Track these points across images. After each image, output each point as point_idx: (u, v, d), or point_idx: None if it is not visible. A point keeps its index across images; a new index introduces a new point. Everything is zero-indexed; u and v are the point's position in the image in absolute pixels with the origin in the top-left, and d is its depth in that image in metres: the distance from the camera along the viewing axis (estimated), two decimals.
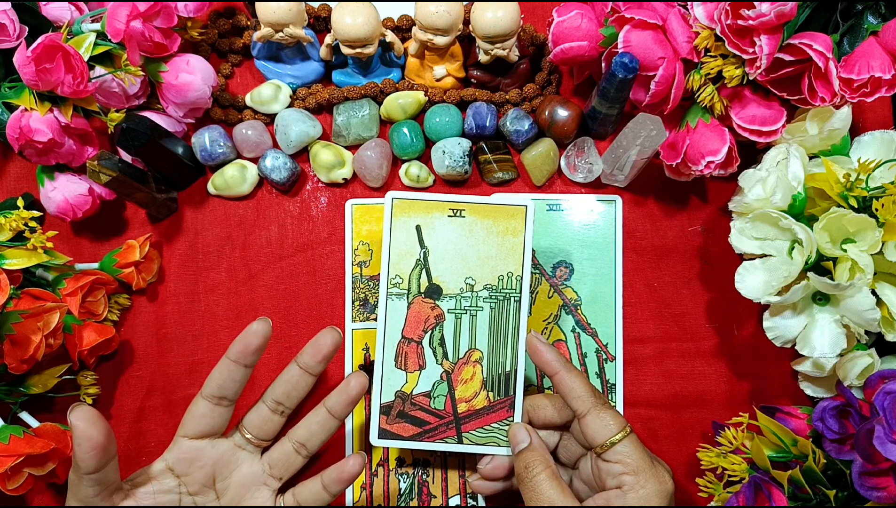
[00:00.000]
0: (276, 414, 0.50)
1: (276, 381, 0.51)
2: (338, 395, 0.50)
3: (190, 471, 0.49)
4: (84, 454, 0.42)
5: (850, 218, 0.47)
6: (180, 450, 0.49)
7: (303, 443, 0.50)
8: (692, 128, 0.54)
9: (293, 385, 0.50)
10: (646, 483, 0.43)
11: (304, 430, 0.51)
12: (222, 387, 0.48)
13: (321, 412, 0.51)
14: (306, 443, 0.50)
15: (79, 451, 0.42)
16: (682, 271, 0.60)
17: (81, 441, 0.42)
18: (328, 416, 0.50)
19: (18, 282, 0.51)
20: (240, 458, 0.50)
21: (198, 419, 0.48)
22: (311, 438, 0.50)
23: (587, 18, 0.54)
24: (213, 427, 0.49)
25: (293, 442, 0.51)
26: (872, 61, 0.48)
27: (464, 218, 0.50)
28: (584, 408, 0.46)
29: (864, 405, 0.48)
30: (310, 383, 0.50)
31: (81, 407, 0.43)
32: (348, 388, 0.50)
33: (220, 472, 0.50)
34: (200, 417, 0.48)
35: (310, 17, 0.60)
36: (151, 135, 0.55)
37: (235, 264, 0.60)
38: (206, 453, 0.49)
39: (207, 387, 0.48)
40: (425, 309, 0.50)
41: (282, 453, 0.51)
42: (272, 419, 0.50)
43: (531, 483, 0.45)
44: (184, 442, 0.49)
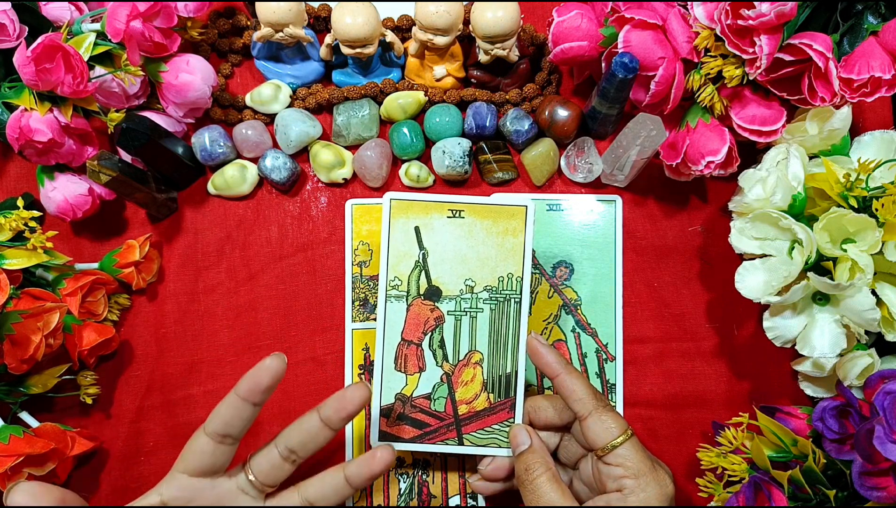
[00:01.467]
0: (288, 462, 0.47)
1: (293, 428, 0.47)
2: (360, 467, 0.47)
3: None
4: None
5: (850, 218, 0.47)
6: (178, 486, 0.45)
7: (312, 501, 0.47)
8: (692, 128, 0.54)
9: (311, 437, 0.46)
10: (646, 486, 0.43)
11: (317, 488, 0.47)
12: (228, 425, 0.44)
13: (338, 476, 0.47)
14: (315, 501, 0.47)
15: None
16: (682, 271, 0.60)
17: None
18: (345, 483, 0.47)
19: (18, 282, 0.51)
20: (240, 502, 0.47)
21: (198, 455, 0.45)
22: (322, 498, 0.47)
23: (587, 18, 0.54)
24: (215, 466, 0.45)
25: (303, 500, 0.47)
26: (872, 61, 0.48)
27: (463, 219, 0.50)
28: (585, 411, 0.45)
29: (864, 405, 0.48)
30: (328, 437, 0.47)
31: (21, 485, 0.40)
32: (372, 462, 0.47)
33: None
34: (201, 454, 0.45)
35: (310, 17, 0.60)
36: (151, 135, 0.55)
37: (235, 264, 0.60)
38: (204, 493, 0.46)
39: (211, 423, 0.45)
40: (425, 311, 0.50)
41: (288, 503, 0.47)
42: (282, 466, 0.47)
43: (531, 486, 0.45)
44: (182, 478, 0.45)
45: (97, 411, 0.58)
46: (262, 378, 0.43)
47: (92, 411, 0.57)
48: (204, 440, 0.45)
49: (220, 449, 0.45)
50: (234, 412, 0.44)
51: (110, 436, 0.57)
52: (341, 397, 0.46)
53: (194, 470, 0.45)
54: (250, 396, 0.44)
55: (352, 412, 0.46)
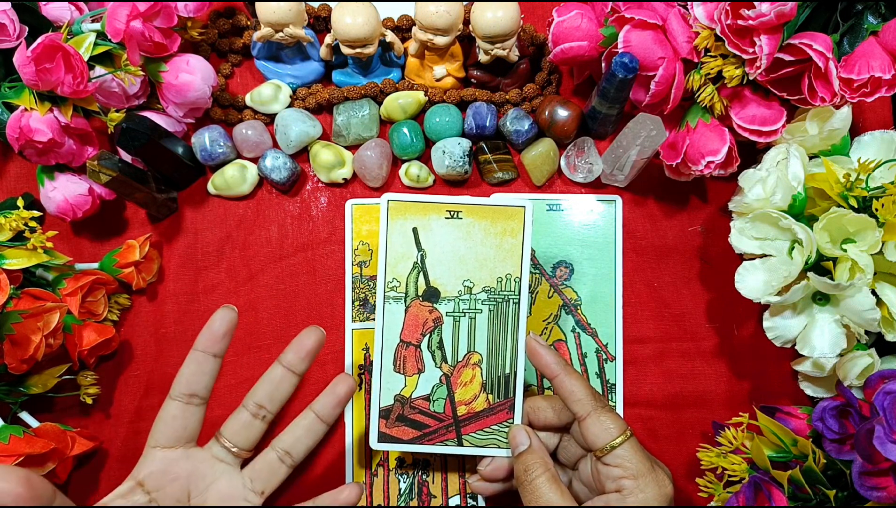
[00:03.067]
0: (258, 419, 0.47)
1: (258, 383, 0.48)
2: (325, 397, 0.49)
3: (162, 485, 0.45)
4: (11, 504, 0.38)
5: (850, 218, 0.47)
6: (152, 462, 0.45)
7: (288, 451, 0.48)
8: (692, 128, 0.54)
9: (276, 386, 0.47)
10: (645, 487, 0.43)
11: (290, 436, 0.48)
12: (191, 382, 0.45)
13: (308, 417, 0.49)
14: (291, 450, 0.48)
15: None
16: (682, 271, 0.60)
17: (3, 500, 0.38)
18: (315, 420, 0.48)
19: (18, 282, 0.51)
20: (217, 471, 0.47)
21: (169, 423, 0.45)
22: (296, 444, 0.48)
23: (587, 18, 0.54)
24: (187, 430, 0.46)
25: (277, 451, 0.48)
26: (872, 61, 0.48)
27: (461, 219, 0.50)
28: (584, 411, 0.45)
29: (864, 405, 0.48)
30: (294, 383, 0.48)
31: None
32: (335, 390, 0.49)
33: (195, 486, 0.46)
34: (171, 420, 0.45)
35: (310, 17, 0.60)
36: (151, 135, 0.55)
37: (235, 264, 0.60)
38: (179, 464, 0.45)
39: (177, 386, 0.46)
40: (423, 313, 0.50)
41: (265, 463, 0.48)
42: (253, 424, 0.47)
43: (530, 486, 0.45)
44: (155, 453, 0.45)
45: (97, 411, 0.58)
46: (217, 328, 0.46)
47: (92, 411, 0.58)
48: (172, 406, 0.46)
49: (188, 411, 0.46)
50: (195, 367, 0.46)
51: (110, 436, 0.57)
52: (298, 340, 0.48)
53: (167, 441, 0.45)
54: (209, 347, 0.46)
55: (311, 351, 0.48)
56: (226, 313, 0.46)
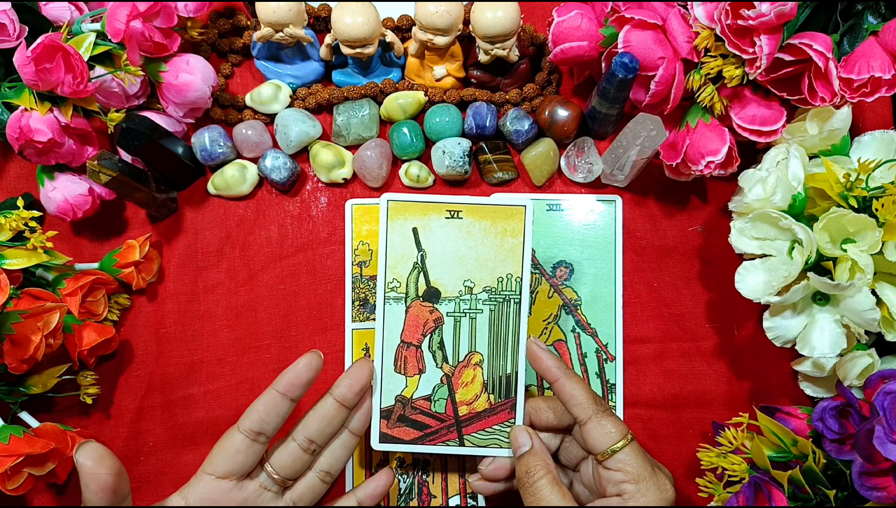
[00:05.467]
0: (308, 453, 0.48)
1: (309, 417, 0.48)
2: (360, 413, 0.49)
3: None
4: (93, 495, 0.40)
5: (850, 218, 0.47)
6: (206, 489, 0.45)
7: (328, 471, 0.49)
8: (692, 128, 0.54)
9: (328, 421, 0.47)
10: (646, 491, 0.43)
11: (329, 457, 0.49)
12: (264, 421, 0.45)
13: (343, 434, 0.49)
14: (331, 469, 0.49)
15: (87, 492, 0.40)
16: (682, 271, 0.60)
17: (89, 482, 0.39)
18: (349, 436, 0.49)
19: (18, 282, 0.51)
20: (264, 499, 0.47)
21: (231, 455, 0.45)
22: (335, 463, 0.49)
23: (587, 18, 0.54)
24: (245, 466, 0.46)
25: (317, 472, 0.49)
26: (872, 61, 0.48)
27: (461, 219, 0.50)
28: (584, 415, 0.45)
29: (864, 405, 0.48)
30: (344, 417, 0.48)
31: (89, 445, 0.40)
32: (365, 405, 0.49)
33: None
34: (234, 453, 0.45)
35: (310, 17, 0.60)
36: (151, 135, 0.55)
37: (235, 264, 0.60)
38: (230, 494, 0.45)
39: (247, 420, 0.45)
40: (424, 313, 0.50)
41: (307, 486, 0.48)
42: (302, 458, 0.47)
43: (532, 488, 0.45)
44: (208, 480, 0.45)
45: (97, 411, 0.58)
46: (301, 373, 0.45)
47: (92, 411, 0.57)
48: (239, 439, 0.45)
49: (252, 448, 0.45)
50: (271, 407, 0.45)
51: (110, 436, 0.57)
52: (351, 374, 0.48)
53: (224, 472, 0.45)
54: (289, 391, 0.45)
55: (364, 385, 0.48)
56: (312, 359, 0.46)
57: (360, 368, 0.48)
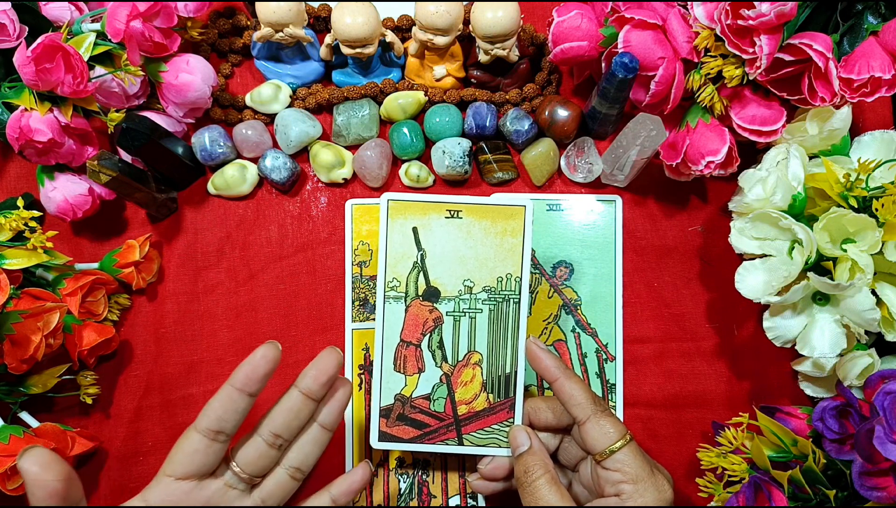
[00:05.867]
0: (274, 448, 0.45)
1: (274, 410, 0.46)
2: (327, 405, 0.47)
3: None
4: (40, 503, 0.37)
5: (850, 218, 0.47)
6: (166, 491, 0.43)
7: (297, 467, 0.47)
8: (692, 128, 0.54)
9: (294, 414, 0.45)
10: (645, 491, 0.43)
11: (298, 452, 0.46)
12: (222, 419, 0.43)
13: (313, 429, 0.47)
14: (301, 466, 0.47)
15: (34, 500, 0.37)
16: (682, 271, 0.60)
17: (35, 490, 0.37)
18: (320, 430, 0.47)
19: (18, 282, 0.51)
20: (230, 499, 0.45)
21: (189, 456, 0.43)
22: (305, 459, 0.47)
23: (587, 18, 0.54)
24: (205, 466, 0.43)
25: (287, 469, 0.46)
26: (872, 61, 0.48)
27: (461, 219, 0.50)
28: (583, 415, 0.45)
29: (864, 405, 0.48)
30: (312, 409, 0.46)
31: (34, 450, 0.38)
32: (337, 396, 0.47)
33: None
34: (192, 454, 0.43)
35: (310, 17, 0.60)
36: (151, 135, 0.55)
37: (235, 264, 0.60)
38: (193, 496, 0.43)
39: (204, 419, 0.43)
40: (423, 312, 0.50)
41: (276, 483, 0.46)
42: (269, 454, 0.45)
43: (530, 488, 0.45)
44: (169, 483, 0.43)
45: (97, 411, 0.58)
46: (258, 366, 0.43)
47: (92, 411, 0.57)
48: (196, 439, 0.43)
49: (212, 448, 0.43)
50: (228, 404, 0.43)
51: (110, 436, 0.57)
52: (317, 364, 0.45)
53: (183, 473, 0.43)
54: (246, 385, 0.43)
55: (332, 376, 0.45)
56: (268, 350, 0.43)
57: (326, 358, 0.45)
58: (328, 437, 0.47)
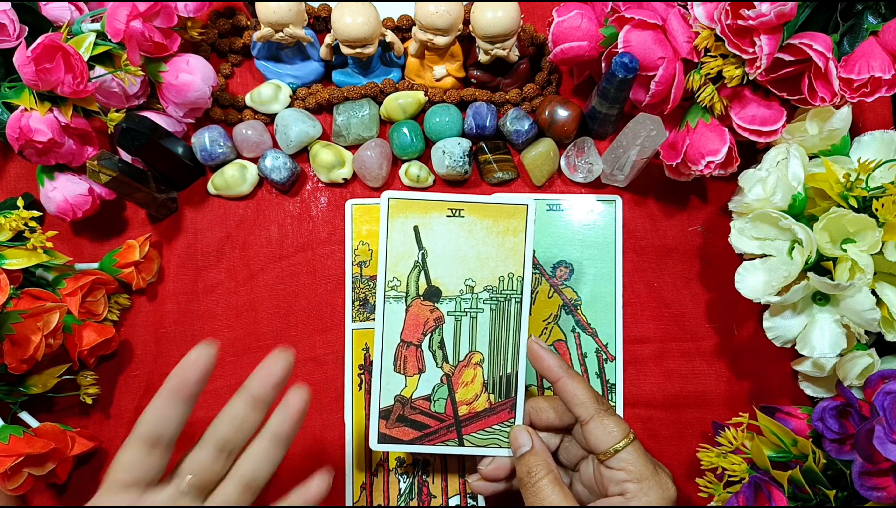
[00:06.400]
0: (221, 459, 0.41)
1: (218, 419, 0.41)
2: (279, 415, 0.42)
3: None
4: None
5: (850, 218, 0.47)
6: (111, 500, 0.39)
7: (248, 483, 0.41)
8: (692, 128, 0.54)
9: (241, 422, 0.41)
10: (649, 490, 0.43)
11: (249, 465, 0.41)
12: (156, 429, 0.39)
13: (265, 441, 0.42)
14: (252, 482, 0.41)
15: None
16: (682, 271, 0.60)
17: None
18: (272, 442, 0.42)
19: (18, 282, 0.51)
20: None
21: (127, 466, 0.39)
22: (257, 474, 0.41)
23: (587, 18, 0.54)
24: (147, 477, 0.40)
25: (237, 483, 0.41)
26: (872, 61, 0.48)
27: (462, 218, 0.50)
28: (586, 415, 0.45)
29: (864, 405, 0.48)
30: (259, 417, 0.42)
31: None
32: (288, 406, 0.42)
33: None
34: (130, 465, 0.39)
35: (310, 17, 0.60)
36: (151, 135, 0.55)
37: (235, 264, 0.60)
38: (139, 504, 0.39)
39: (138, 429, 0.39)
40: (424, 312, 0.50)
41: (227, 499, 0.41)
42: (215, 465, 0.41)
43: (534, 489, 0.45)
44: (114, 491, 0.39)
45: (97, 411, 0.58)
46: (188, 373, 0.39)
47: (92, 411, 0.57)
48: (133, 450, 0.39)
49: (151, 457, 0.39)
50: (162, 412, 0.39)
51: (110, 436, 0.57)
52: (263, 368, 0.42)
53: (124, 483, 0.39)
54: (179, 392, 0.39)
55: (280, 380, 0.42)
56: (200, 353, 0.39)
57: (274, 360, 0.42)
58: (281, 449, 0.42)
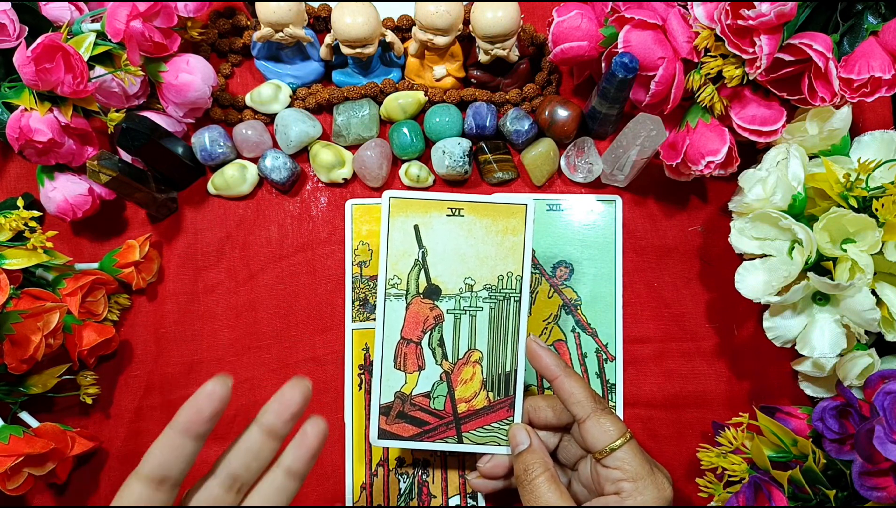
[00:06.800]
0: (231, 493, 0.38)
1: (231, 450, 0.38)
2: (296, 449, 0.39)
3: None
4: None
5: (850, 218, 0.47)
6: None
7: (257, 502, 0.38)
8: (692, 128, 0.54)
9: (254, 455, 0.38)
10: (644, 489, 0.43)
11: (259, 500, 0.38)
12: (165, 467, 0.36)
13: (278, 476, 0.38)
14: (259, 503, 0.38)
15: None
16: (682, 271, 0.60)
17: None
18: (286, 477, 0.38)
19: (18, 282, 0.51)
20: None
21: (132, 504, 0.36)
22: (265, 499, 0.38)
23: (587, 18, 0.54)
24: None
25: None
26: (872, 61, 0.48)
27: (462, 217, 0.50)
28: (583, 413, 0.45)
29: (864, 405, 0.48)
30: (274, 449, 0.38)
31: None
32: (306, 439, 0.39)
33: None
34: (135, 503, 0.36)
35: (310, 17, 0.60)
36: (151, 135, 0.55)
37: (235, 264, 0.60)
38: None
39: (145, 465, 0.36)
40: (424, 310, 0.50)
41: None
42: (224, 500, 0.38)
43: (530, 486, 0.45)
44: None
45: (97, 411, 0.58)
46: (202, 407, 0.36)
47: (92, 411, 0.57)
48: (138, 489, 0.36)
49: (157, 496, 0.36)
50: (172, 450, 0.36)
51: (110, 436, 0.57)
52: (280, 397, 0.38)
53: None
54: (191, 428, 0.36)
55: (297, 412, 0.38)
56: (215, 387, 0.36)
57: (291, 390, 0.38)
58: (295, 486, 0.39)
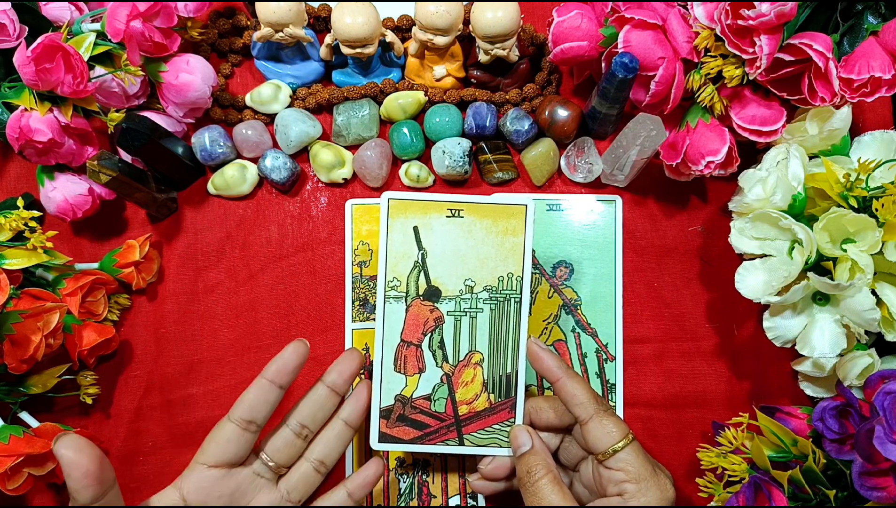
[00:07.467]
0: (300, 438, 0.50)
1: (301, 403, 0.50)
2: (351, 404, 0.51)
3: (206, 501, 0.46)
4: (77, 484, 0.39)
5: (850, 218, 0.47)
6: (199, 479, 0.46)
7: (322, 460, 0.50)
8: (692, 128, 0.54)
9: (320, 406, 0.50)
10: (647, 491, 0.43)
11: (322, 447, 0.50)
12: (254, 409, 0.46)
13: (337, 425, 0.51)
14: (325, 460, 0.50)
15: (71, 482, 0.40)
16: (682, 271, 0.60)
17: (71, 471, 0.39)
18: (344, 427, 0.51)
19: (18, 282, 0.51)
20: (257, 486, 0.48)
21: (223, 445, 0.46)
22: (329, 454, 0.50)
23: (587, 18, 0.54)
24: (238, 455, 0.47)
25: (312, 462, 0.50)
26: (872, 61, 0.48)
27: (462, 218, 0.50)
28: (585, 415, 0.45)
29: (864, 405, 0.48)
30: (335, 402, 0.50)
31: (67, 436, 0.40)
32: (359, 396, 0.51)
33: (237, 502, 0.48)
34: (226, 443, 0.46)
35: (310, 17, 0.60)
36: (151, 135, 0.55)
37: (235, 264, 0.60)
38: (224, 483, 0.47)
39: (237, 410, 0.47)
40: (424, 312, 0.50)
41: (301, 475, 0.50)
42: (295, 443, 0.49)
43: (533, 488, 0.45)
44: (203, 470, 0.46)
45: (97, 411, 0.58)
46: (290, 360, 0.47)
47: (92, 411, 0.57)
48: (230, 428, 0.46)
49: (244, 437, 0.46)
50: (260, 395, 0.47)
51: (110, 436, 0.57)
52: (342, 362, 0.50)
53: (217, 461, 0.46)
54: (277, 378, 0.47)
55: (354, 373, 0.50)
56: (298, 346, 0.48)
57: (350, 357, 0.51)
58: (351, 434, 0.51)
